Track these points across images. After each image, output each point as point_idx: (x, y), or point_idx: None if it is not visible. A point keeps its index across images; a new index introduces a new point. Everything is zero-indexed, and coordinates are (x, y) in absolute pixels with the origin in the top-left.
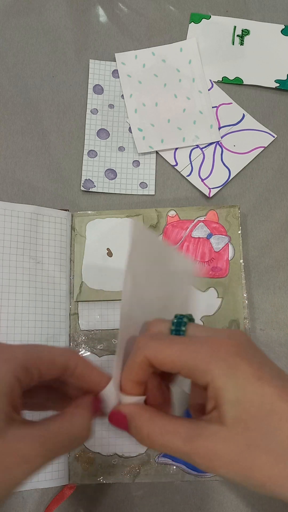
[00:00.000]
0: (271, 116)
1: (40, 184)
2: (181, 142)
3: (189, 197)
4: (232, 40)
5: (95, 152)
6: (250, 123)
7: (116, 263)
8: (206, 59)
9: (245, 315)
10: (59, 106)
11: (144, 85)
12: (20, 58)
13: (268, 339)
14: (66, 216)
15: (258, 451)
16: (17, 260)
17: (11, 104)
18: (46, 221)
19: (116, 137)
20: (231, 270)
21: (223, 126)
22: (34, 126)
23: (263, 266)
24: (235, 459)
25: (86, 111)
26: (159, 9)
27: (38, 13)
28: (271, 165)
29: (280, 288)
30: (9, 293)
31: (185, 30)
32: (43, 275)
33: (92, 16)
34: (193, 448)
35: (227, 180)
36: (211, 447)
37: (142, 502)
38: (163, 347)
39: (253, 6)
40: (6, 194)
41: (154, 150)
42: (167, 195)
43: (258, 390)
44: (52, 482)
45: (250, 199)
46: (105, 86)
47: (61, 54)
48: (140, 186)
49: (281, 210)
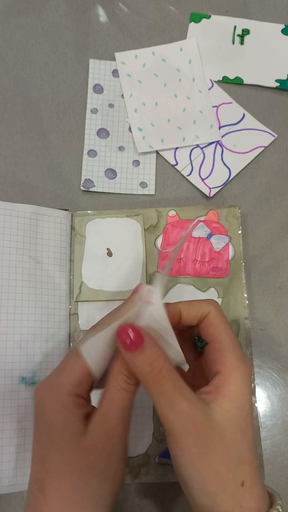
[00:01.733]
0: (272, 115)
1: (40, 184)
2: (181, 142)
3: (189, 197)
4: (232, 39)
5: (95, 152)
6: (250, 123)
7: (116, 263)
8: (206, 58)
9: (246, 315)
10: (59, 106)
11: (144, 84)
12: (20, 58)
13: (268, 339)
14: (66, 216)
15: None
16: (17, 260)
17: (11, 104)
18: (46, 221)
19: (116, 137)
20: (231, 270)
21: (224, 125)
22: (34, 126)
23: (264, 266)
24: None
25: (86, 110)
26: (159, 9)
27: (38, 13)
28: (271, 165)
29: (281, 288)
30: (9, 293)
31: (185, 29)
32: (43, 275)
33: (92, 16)
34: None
35: (227, 179)
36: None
37: (142, 502)
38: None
39: (253, 6)
40: (6, 194)
41: (154, 149)
42: (167, 195)
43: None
44: None
45: (250, 199)
46: (105, 85)
47: (61, 54)
48: (140, 185)
49: (281, 210)
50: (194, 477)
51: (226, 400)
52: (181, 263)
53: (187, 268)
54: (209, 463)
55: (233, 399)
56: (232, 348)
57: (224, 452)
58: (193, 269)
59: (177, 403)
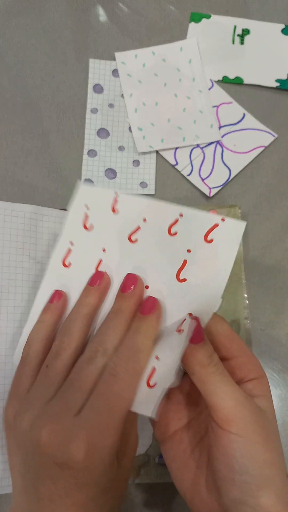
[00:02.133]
0: (272, 115)
1: (40, 184)
2: (181, 142)
3: (189, 196)
4: (232, 39)
5: (95, 152)
6: (250, 123)
7: None
8: (206, 58)
9: (246, 315)
10: (59, 106)
11: (144, 84)
12: (20, 58)
13: (268, 339)
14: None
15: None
16: (16, 260)
17: (11, 104)
18: (46, 221)
19: (116, 137)
20: (232, 270)
21: (224, 125)
22: (34, 126)
23: (263, 266)
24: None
25: (86, 110)
26: (159, 9)
27: (38, 13)
28: (271, 165)
29: (281, 288)
30: (9, 293)
31: (185, 29)
32: (43, 275)
33: (92, 16)
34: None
35: (227, 179)
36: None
37: (142, 502)
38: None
39: (253, 6)
40: (6, 194)
41: (154, 149)
42: (167, 194)
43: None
44: None
45: (250, 198)
46: (105, 85)
47: (61, 54)
48: (140, 185)
49: (281, 210)
50: (245, 465)
51: (263, 398)
52: None
53: None
54: (268, 450)
55: (268, 398)
56: (251, 356)
57: (276, 440)
58: None
59: (236, 391)
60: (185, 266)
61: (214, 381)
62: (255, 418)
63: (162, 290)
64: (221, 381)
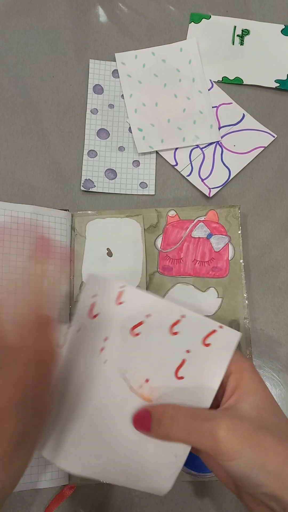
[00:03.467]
0: (271, 116)
1: (40, 184)
2: (181, 142)
3: (189, 197)
4: (232, 40)
5: (95, 152)
6: (250, 123)
7: (116, 263)
8: (206, 59)
9: (245, 315)
10: (59, 106)
11: (144, 85)
12: (20, 58)
13: (268, 339)
14: (66, 216)
15: (267, 432)
16: (17, 260)
17: (11, 104)
18: (46, 221)
19: (116, 137)
20: (231, 270)
21: (223, 126)
22: (34, 126)
23: (263, 266)
24: (248, 434)
25: (86, 111)
26: (159, 9)
27: (38, 13)
28: (271, 165)
29: (280, 288)
30: (9, 293)
31: (185, 30)
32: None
33: (92, 16)
34: (215, 424)
35: (227, 180)
36: (230, 423)
37: (142, 502)
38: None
39: (253, 6)
40: (6, 194)
41: (154, 150)
42: (167, 195)
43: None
44: (52, 482)
45: (250, 199)
46: (105, 86)
47: (61, 54)
48: (140, 186)
49: (281, 210)
50: (260, 480)
51: (247, 393)
52: (181, 263)
53: (187, 268)
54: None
55: (254, 390)
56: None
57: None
58: (192, 269)
59: (212, 430)
60: (184, 365)
61: (193, 440)
62: (243, 434)
63: (161, 385)
64: (198, 433)
